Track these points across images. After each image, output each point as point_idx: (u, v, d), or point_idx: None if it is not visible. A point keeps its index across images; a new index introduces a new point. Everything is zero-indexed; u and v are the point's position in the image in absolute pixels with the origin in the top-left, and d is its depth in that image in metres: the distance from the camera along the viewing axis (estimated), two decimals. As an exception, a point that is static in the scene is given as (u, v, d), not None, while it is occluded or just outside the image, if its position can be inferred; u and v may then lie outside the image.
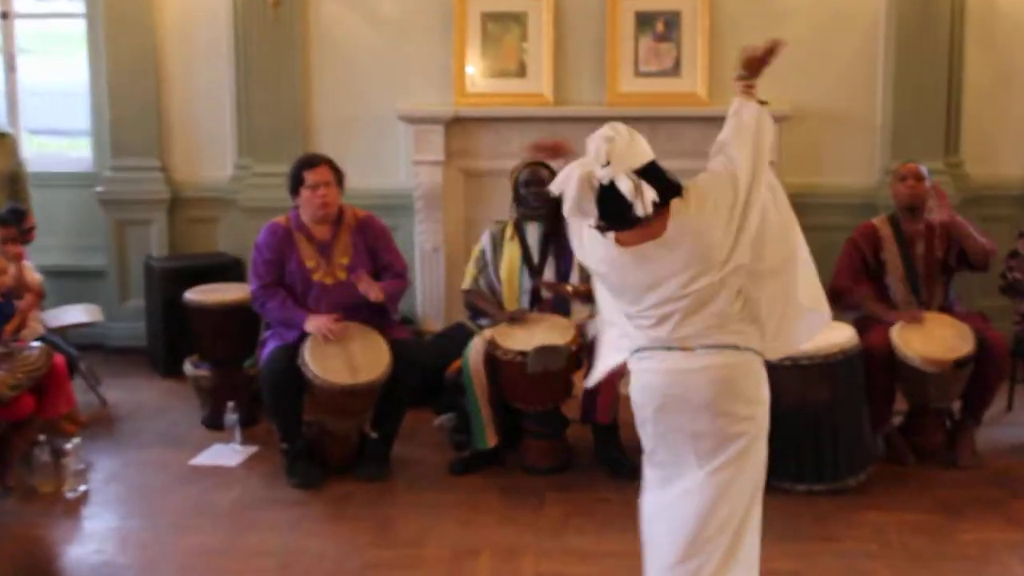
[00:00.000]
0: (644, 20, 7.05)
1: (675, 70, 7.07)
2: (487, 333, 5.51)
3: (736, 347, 3.43)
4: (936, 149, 7.06)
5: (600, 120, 7.28)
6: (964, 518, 4.98)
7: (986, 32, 7.18)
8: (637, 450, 5.35)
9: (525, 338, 5.41)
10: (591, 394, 5.43)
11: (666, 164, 6.95)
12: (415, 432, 5.92)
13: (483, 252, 5.80)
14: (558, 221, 5.61)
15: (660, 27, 7.06)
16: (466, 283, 5.83)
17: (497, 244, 5.77)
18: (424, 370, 5.57)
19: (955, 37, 7.09)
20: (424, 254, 7.13)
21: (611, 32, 7.04)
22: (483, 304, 5.74)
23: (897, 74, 7.05)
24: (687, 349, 3.44)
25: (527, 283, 5.68)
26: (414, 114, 7.04)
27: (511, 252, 5.71)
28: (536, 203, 5.65)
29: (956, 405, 5.71)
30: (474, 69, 7.11)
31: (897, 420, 5.73)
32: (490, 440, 5.50)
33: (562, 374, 5.43)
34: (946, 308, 5.76)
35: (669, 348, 3.45)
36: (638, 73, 7.07)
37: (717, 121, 6.90)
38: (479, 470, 5.50)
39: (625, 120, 6.95)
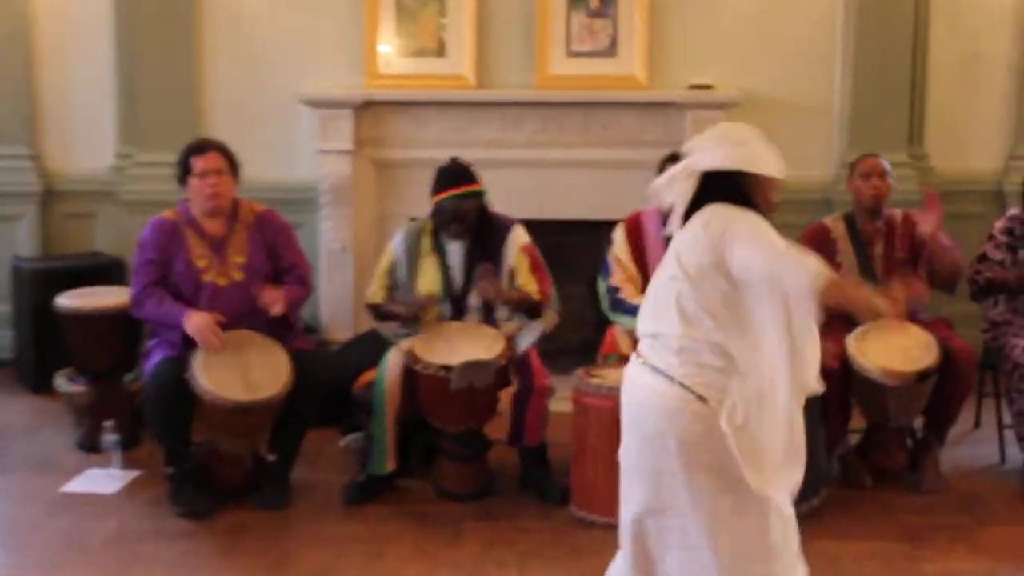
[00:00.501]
0: (577, -6, 7.11)
1: (611, 50, 7.13)
2: (405, 344, 5.54)
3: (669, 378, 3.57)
4: (898, 140, 7.19)
5: (528, 105, 7.42)
6: (927, 547, 5.05)
7: (953, 8, 7.33)
8: (566, 472, 5.43)
9: (448, 350, 5.42)
10: (519, 414, 5.48)
11: (601, 154, 7.17)
12: (318, 454, 5.91)
13: (395, 264, 5.72)
14: (482, 237, 5.67)
15: (595, 2, 7.12)
16: (373, 296, 5.76)
17: (413, 255, 5.69)
18: (329, 385, 5.57)
19: (920, 15, 7.22)
20: (330, 255, 7.14)
21: (540, 7, 7.10)
22: (390, 306, 5.71)
23: (856, 56, 7.17)
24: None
25: (447, 310, 5.66)
26: (319, 97, 7.05)
27: (429, 271, 5.67)
28: (457, 233, 5.63)
29: (918, 422, 5.81)
30: (388, 47, 7.13)
31: (854, 439, 5.83)
32: (389, 464, 5.51)
33: (488, 391, 5.45)
34: (908, 315, 5.86)
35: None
36: (570, 53, 7.12)
37: (657, 107, 7.13)
38: (376, 497, 5.51)
39: (556, 105, 7.15)
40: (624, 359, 5.60)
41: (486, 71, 7.15)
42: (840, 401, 5.59)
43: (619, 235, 5.78)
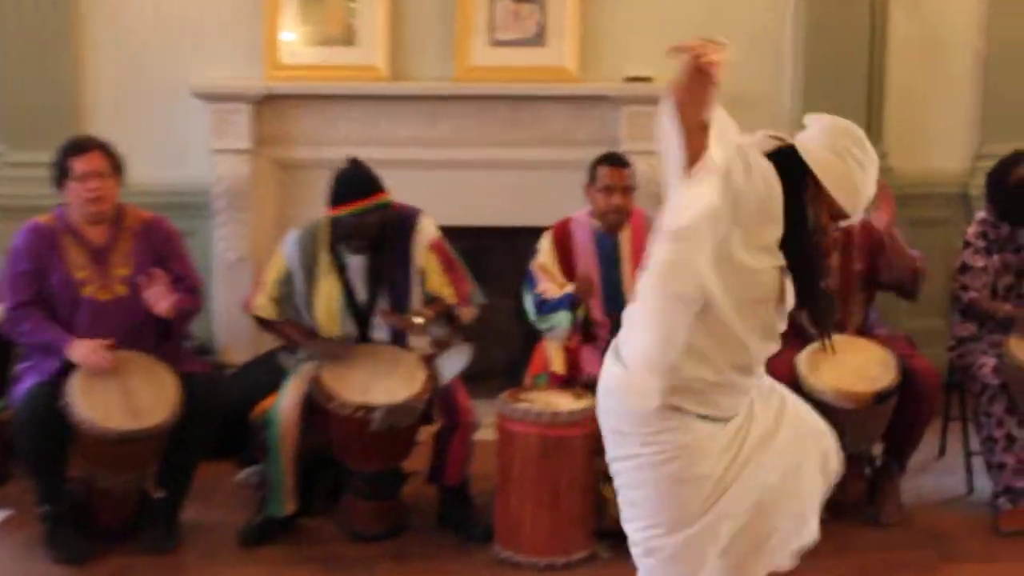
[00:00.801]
0: (502, -24, 7.13)
1: (539, 39, 7.11)
2: (308, 370, 5.42)
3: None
4: (856, 135, 7.20)
5: (446, 99, 7.35)
6: (887, 585, 5.07)
7: (913, -8, 7.39)
8: (489, 507, 5.37)
9: (363, 384, 5.36)
10: (441, 452, 5.48)
11: (527, 154, 7.13)
12: (212, 490, 5.87)
13: (288, 275, 5.64)
14: (385, 242, 5.57)
15: (521, -16, 7.13)
16: (261, 309, 5.67)
17: (309, 267, 5.61)
18: (224, 412, 5.51)
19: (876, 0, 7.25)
20: (225, 266, 7.06)
21: (461, -9, 7.08)
22: (289, 331, 5.66)
23: (808, 46, 7.19)
24: None
25: (349, 328, 5.59)
26: (214, 90, 6.97)
27: (328, 288, 5.59)
28: (359, 249, 5.55)
29: (877, 449, 5.82)
30: (291, 35, 7.06)
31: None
32: (288, 507, 5.46)
33: (410, 430, 5.44)
34: (865, 330, 5.87)
35: None
36: (494, 42, 7.10)
37: (590, 101, 7.10)
38: (276, 539, 5.46)
39: (478, 100, 7.10)
40: (556, 379, 5.56)
41: (400, 62, 7.12)
42: (791, 426, 5.56)
43: (545, 243, 5.84)
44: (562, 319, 5.63)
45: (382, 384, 5.36)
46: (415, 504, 5.65)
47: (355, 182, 5.51)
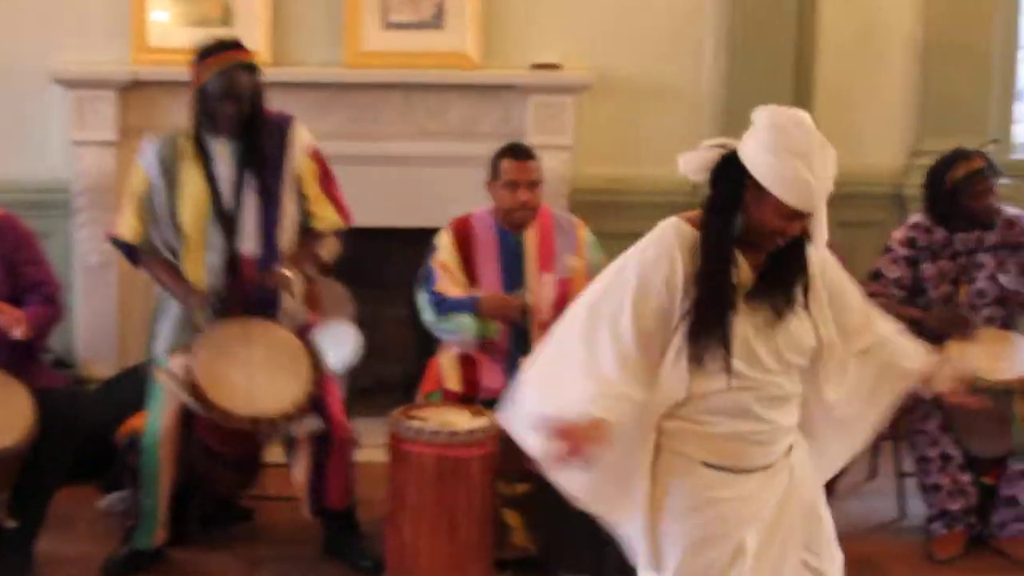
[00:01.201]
0: (396, -47, 7.15)
1: (437, 21, 7.15)
2: (178, 367, 5.33)
3: None
4: (781, 132, 7.30)
5: (335, 87, 7.33)
6: (813, 620, 5.14)
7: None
8: (380, 535, 5.40)
9: (245, 389, 5.29)
10: (317, 472, 5.48)
11: (429, 146, 7.14)
12: (72, 519, 5.84)
13: (150, 186, 5.54)
14: (254, 136, 5.51)
15: (417, -38, 7.17)
16: (132, 235, 5.55)
17: (171, 172, 5.53)
18: (85, 432, 5.49)
19: (807, -16, 7.37)
20: (87, 270, 7.05)
21: (351, -33, 7.10)
22: (165, 277, 5.56)
23: (731, 32, 7.28)
24: None
25: (216, 238, 5.49)
26: (74, 75, 6.95)
27: (193, 184, 5.51)
28: (230, 120, 5.47)
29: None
30: (162, 15, 7.06)
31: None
32: (158, 537, 5.46)
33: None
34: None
35: None
36: (387, 25, 7.13)
37: (493, 91, 7.15)
38: (143, 572, 5.45)
39: (370, 88, 7.11)
40: (450, 396, 5.60)
41: (283, 46, 7.14)
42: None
43: (445, 240, 5.83)
44: (467, 323, 5.64)
45: (266, 385, 5.32)
46: (297, 532, 5.66)
47: (219, 42, 5.54)
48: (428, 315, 5.75)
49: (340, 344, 5.54)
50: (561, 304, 5.75)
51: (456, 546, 5.21)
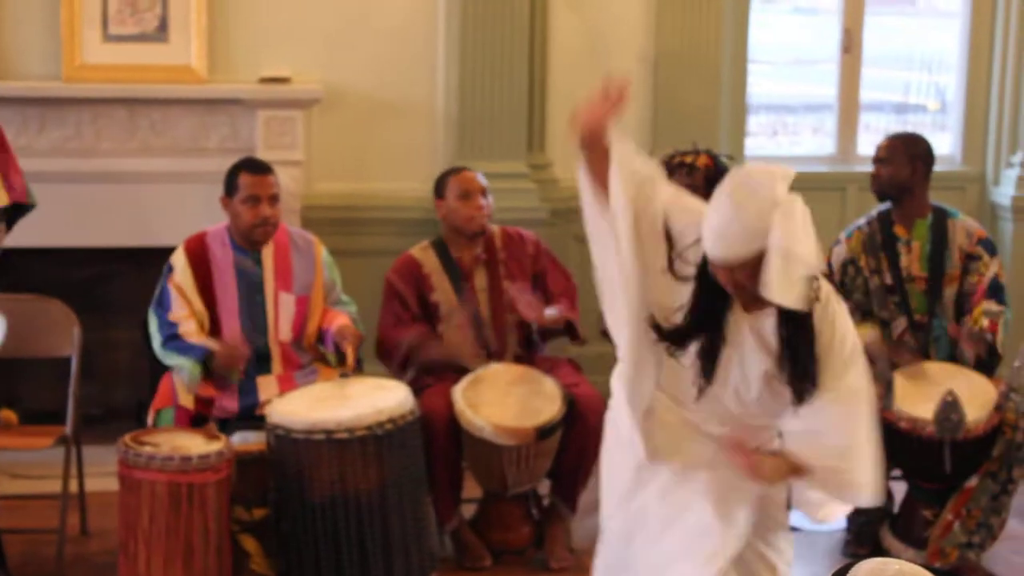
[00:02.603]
0: (110, -41, 7.07)
1: (161, 33, 7.07)
2: None
3: None
4: (516, 146, 7.39)
5: (54, 102, 7.17)
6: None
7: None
8: (114, 569, 5.32)
9: None
10: None
11: (150, 164, 7.04)
12: None
13: None
14: None
15: (139, -28, 7.09)
16: None
17: None
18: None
19: (536, -9, 7.48)
20: None
21: (66, -24, 7.01)
22: None
23: (463, 45, 7.34)
24: None
25: None
26: None
27: None
28: None
29: (544, 487, 6.01)
30: None
31: (468, 510, 6.00)
32: None
33: None
34: (525, 357, 6.08)
35: None
36: (108, 37, 7.03)
37: (220, 105, 7.10)
38: None
39: (91, 103, 7.00)
40: (184, 414, 5.54)
41: (0, 58, 6.98)
42: (449, 465, 5.76)
43: (180, 259, 5.79)
44: (189, 368, 5.58)
45: None
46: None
47: None
48: (156, 342, 5.70)
49: None
50: (299, 324, 5.79)
51: (192, 574, 5.17)
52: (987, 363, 5.92)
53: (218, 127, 7.08)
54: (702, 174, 6.01)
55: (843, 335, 3.96)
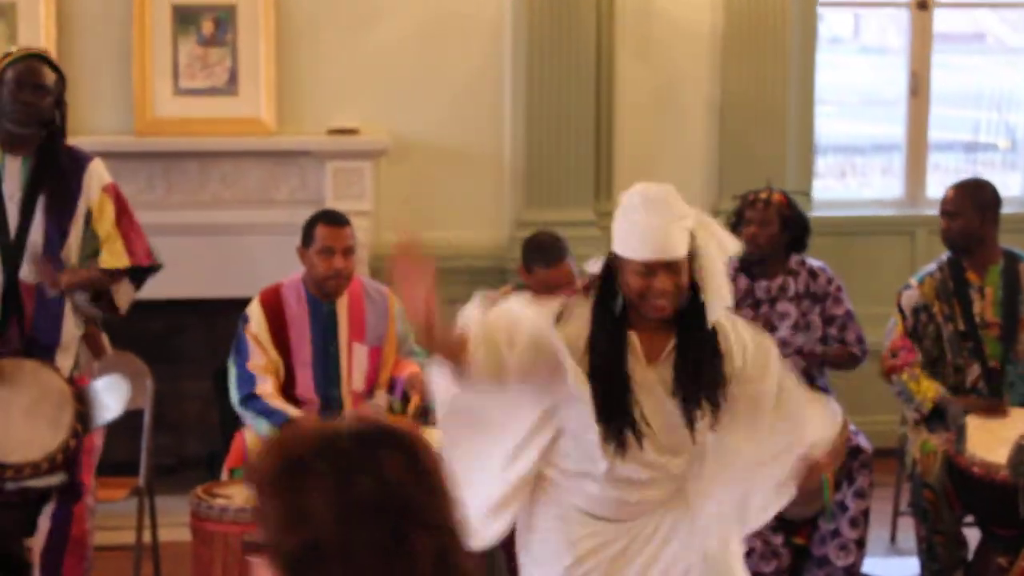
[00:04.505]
0: (186, 17, 7.15)
1: (231, 86, 7.19)
2: None
3: None
4: (583, 194, 7.48)
5: (127, 156, 7.24)
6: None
7: (642, 32, 7.64)
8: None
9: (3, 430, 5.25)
10: (55, 548, 5.41)
11: (221, 217, 7.11)
12: None
13: None
14: (52, 158, 5.44)
15: (208, 26, 7.17)
16: None
17: None
18: None
19: (603, 43, 7.52)
20: None
21: (139, 32, 7.09)
22: None
23: (529, 96, 7.42)
24: None
25: None
26: None
27: None
28: (29, 116, 5.39)
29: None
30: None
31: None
32: None
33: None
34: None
35: None
36: (179, 91, 7.15)
37: (289, 157, 7.17)
38: None
39: (163, 156, 7.07)
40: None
41: (73, 113, 6.92)
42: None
43: (255, 310, 5.82)
44: (265, 429, 5.58)
45: (21, 432, 5.27)
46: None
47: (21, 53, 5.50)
48: (235, 397, 5.72)
49: (113, 395, 5.42)
50: (372, 375, 5.83)
51: (264, 624, 5.19)
52: None
53: (287, 178, 7.16)
54: (775, 209, 6.07)
55: (743, 340, 4.06)
